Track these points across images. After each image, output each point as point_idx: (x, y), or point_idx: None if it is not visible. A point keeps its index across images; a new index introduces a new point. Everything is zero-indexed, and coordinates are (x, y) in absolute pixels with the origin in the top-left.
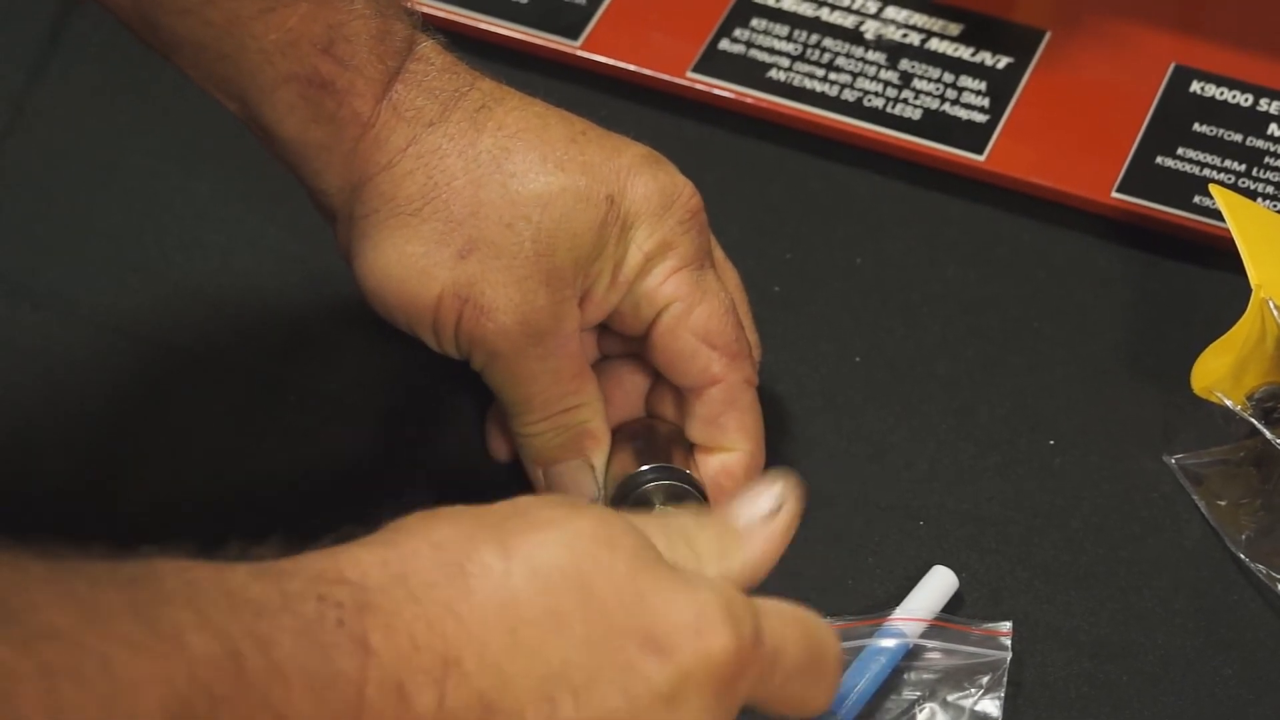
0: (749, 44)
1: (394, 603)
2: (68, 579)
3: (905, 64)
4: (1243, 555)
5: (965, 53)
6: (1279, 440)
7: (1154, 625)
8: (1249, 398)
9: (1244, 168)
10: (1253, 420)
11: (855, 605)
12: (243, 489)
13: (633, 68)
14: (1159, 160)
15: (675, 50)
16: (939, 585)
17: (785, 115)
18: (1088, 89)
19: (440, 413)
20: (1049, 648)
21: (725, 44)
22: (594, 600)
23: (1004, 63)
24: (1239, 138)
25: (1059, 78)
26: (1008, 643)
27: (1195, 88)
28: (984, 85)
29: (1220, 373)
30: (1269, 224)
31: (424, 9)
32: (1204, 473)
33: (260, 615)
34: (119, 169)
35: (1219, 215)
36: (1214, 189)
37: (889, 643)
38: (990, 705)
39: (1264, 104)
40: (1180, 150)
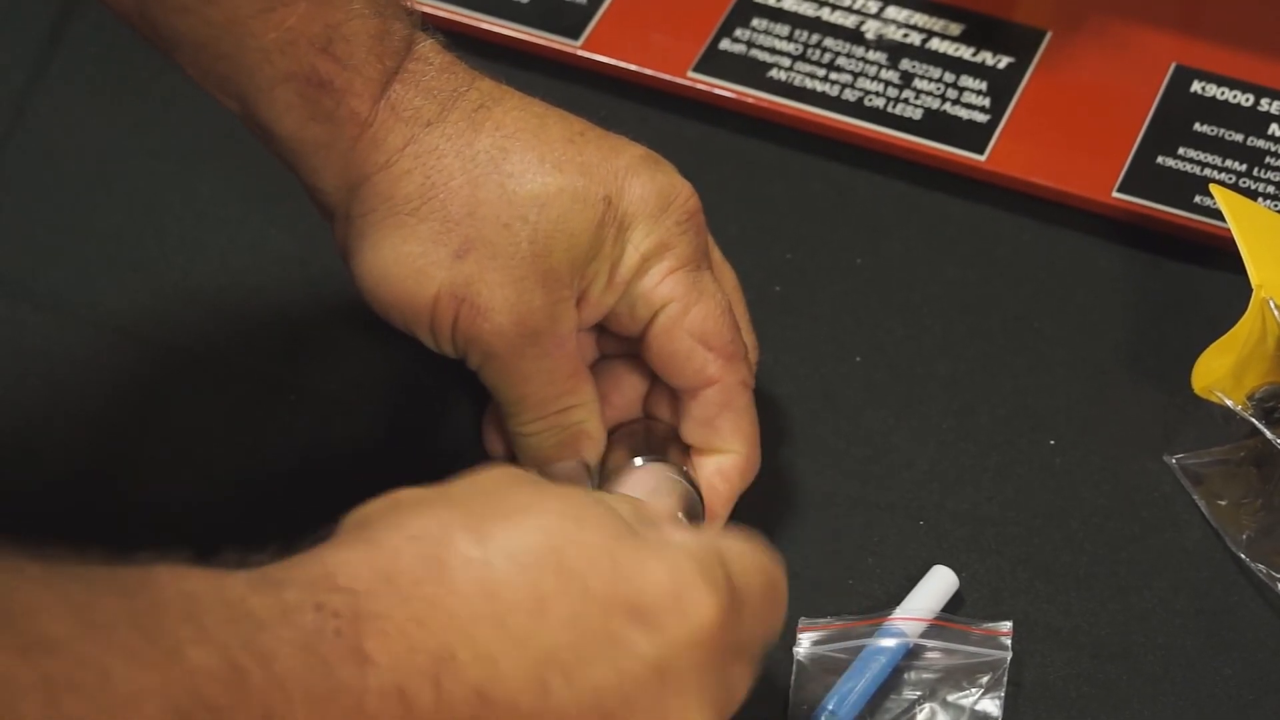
0: (750, 44)
1: (386, 607)
2: (65, 584)
3: (906, 64)
4: (1243, 555)
5: (966, 53)
6: (1279, 440)
7: (1154, 625)
8: (1249, 397)
9: (1245, 168)
10: (1253, 420)
11: (855, 605)
12: (243, 489)
13: (633, 67)
14: (1160, 160)
15: (676, 50)
16: (939, 585)
17: (786, 115)
18: (1088, 89)
19: (438, 412)
20: (1049, 647)
21: (726, 44)
22: (573, 578)
23: (1005, 63)
24: (1240, 138)
25: (1060, 78)
26: (1008, 642)
27: (1196, 87)
28: (985, 85)
29: (1221, 372)
30: (1269, 224)
31: (425, 8)
32: (1204, 472)
33: (260, 628)
34: (119, 169)
35: (1220, 215)
36: (1214, 189)
37: (889, 642)
38: (990, 705)
39: (1265, 104)
40: (1181, 150)
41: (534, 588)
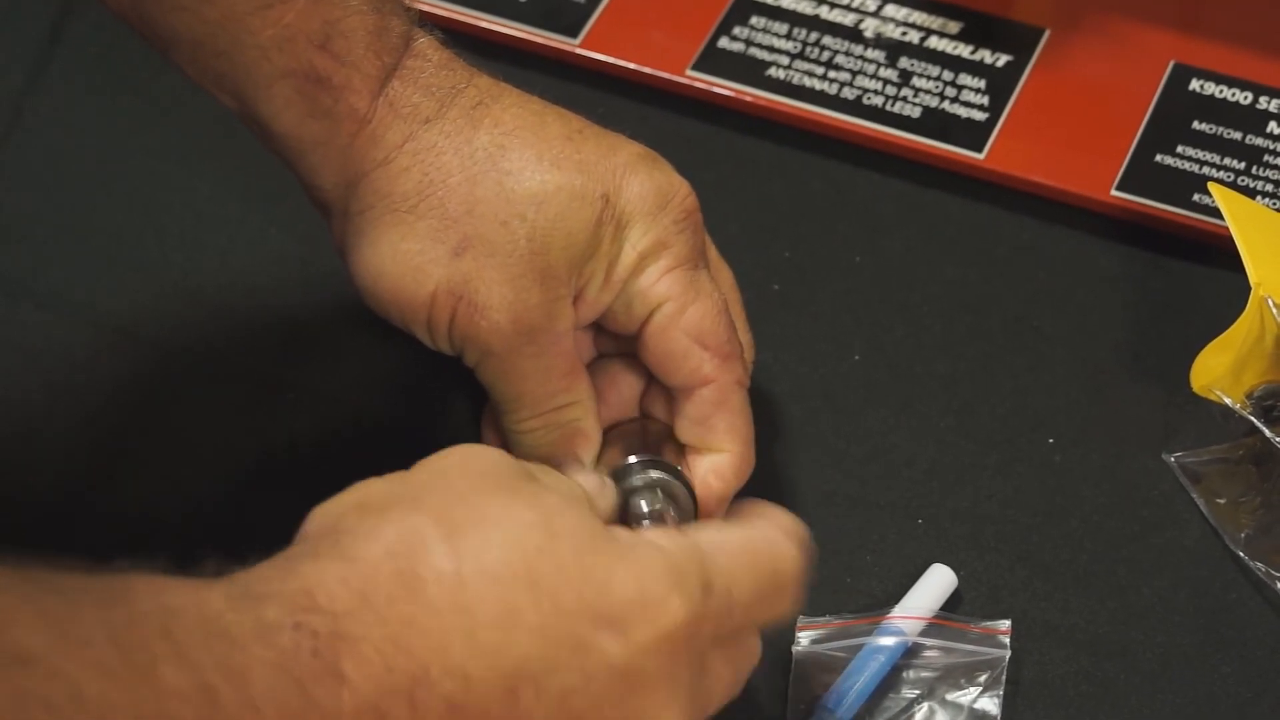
0: (748, 42)
1: (364, 628)
2: (42, 596)
3: (905, 62)
4: (1242, 553)
5: (965, 51)
6: (1278, 438)
7: (1153, 623)
8: (1248, 396)
9: (1243, 166)
10: (1252, 418)
11: (854, 603)
12: (242, 488)
13: (632, 66)
14: (1158, 158)
15: (675, 48)
16: (938, 583)
17: (785, 113)
18: (1087, 87)
19: (438, 412)
20: (1048, 646)
21: (725, 42)
22: (543, 590)
23: (1003, 61)
24: (1238, 136)
25: (1058, 76)
26: (1006, 641)
27: (1194, 86)
28: (983, 83)
29: (1219, 371)
30: (1268, 222)
31: (424, 7)
32: (1203, 471)
33: (235, 646)
34: (119, 169)
35: (1218, 213)
36: (1213, 187)
37: (888, 641)
38: (989, 703)
39: (1263, 102)
40: (1179, 148)
41: (505, 602)
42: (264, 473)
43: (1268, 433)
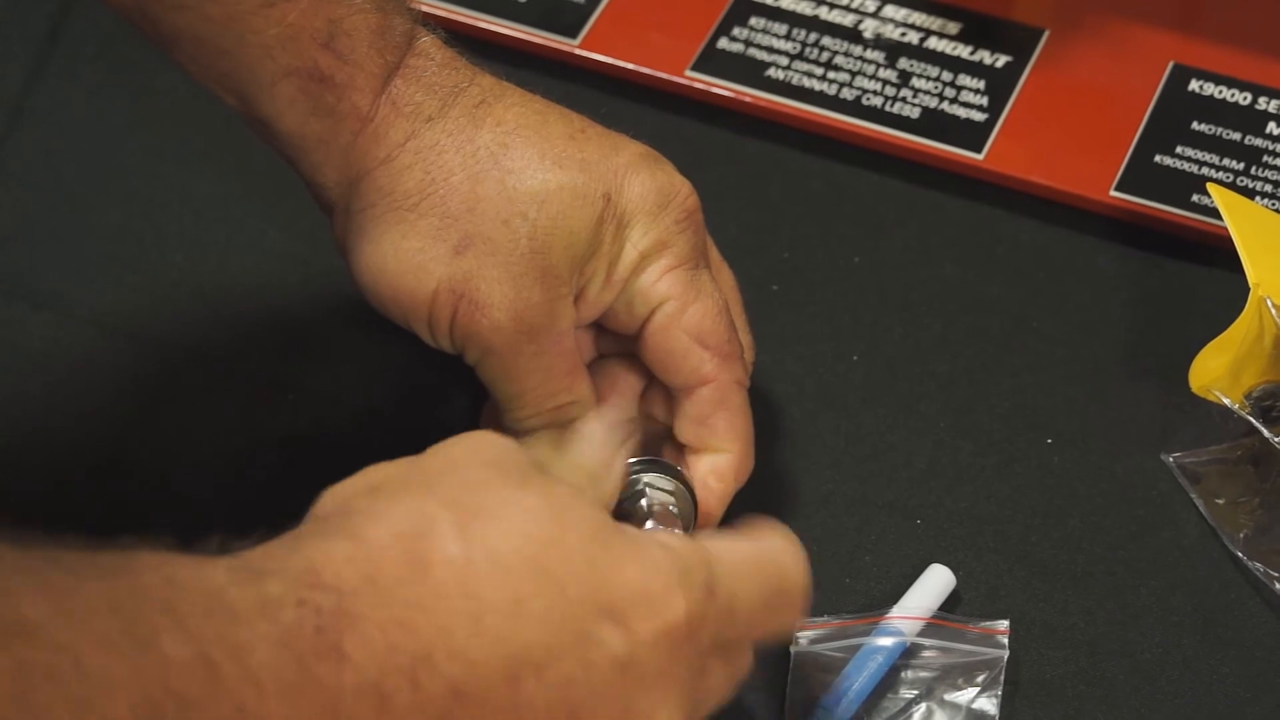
0: (748, 43)
1: (368, 607)
2: (45, 569)
3: (904, 62)
4: (1240, 554)
5: (964, 51)
6: (1277, 439)
7: (1151, 624)
8: (1247, 396)
9: (1242, 166)
10: (1250, 419)
11: (853, 603)
12: (242, 488)
13: (631, 66)
14: (1157, 159)
15: (674, 49)
16: (936, 583)
17: (784, 114)
18: (1086, 88)
19: (438, 412)
20: (1046, 646)
21: (724, 43)
22: (550, 579)
23: (1002, 61)
24: (1237, 136)
25: (1057, 76)
26: (1005, 641)
27: (1193, 86)
28: (982, 84)
29: (1218, 371)
30: (1267, 223)
31: (423, 7)
32: (1202, 471)
33: (237, 621)
34: (119, 169)
35: (1217, 214)
36: (1212, 188)
37: (886, 641)
38: (987, 703)
39: (1262, 102)
40: (1179, 149)
41: (512, 589)
42: (263, 472)
43: (1266, 433)
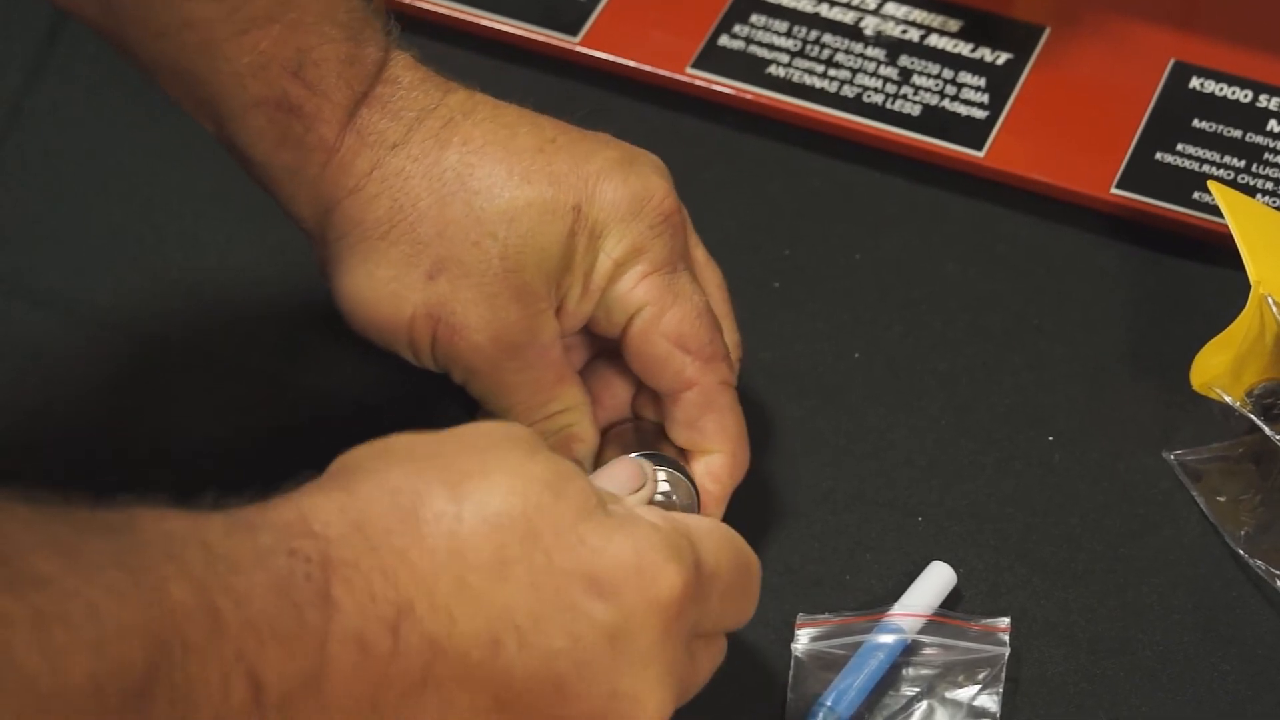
0: (748, 40)
1: (354, 553)
2: (53, 525)
3: (905, 60)
4: (1241, 551)
5: (965, 49)
6: (1278, 436)
7: (1152, 621)
8: (1248, 394)
9: (1243, 164)
10: (1252, 416)
11: (854, 601)
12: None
13: (632, 64)
14: (1158, 156)
15: (675, 46)
16: (937, 581)
17: (784, 111)
18: (1087, 85)
19: (436, 410)
20: (1047, 643)
21: (725, 40)
22: (539, 546)
23: (1003, 59)
24: (1238, 134)
25: (1058, 74)
26: (1006, 638)
27: (1194, 84)
28: (983, 81)
29: (1219, 369)
30: (1268, 220)
31: (424, 6)
32: (1203, 469)
33: (235, 570)
34: (118, 169)
35: (1218, 211)
36: (1213, 185)
37: (887, 638)
38: (988, 701)
39: (1263, 100)
40: (1179, 146)
41: (499, 550)
42: (262, 471)
43: (1268, 430)
